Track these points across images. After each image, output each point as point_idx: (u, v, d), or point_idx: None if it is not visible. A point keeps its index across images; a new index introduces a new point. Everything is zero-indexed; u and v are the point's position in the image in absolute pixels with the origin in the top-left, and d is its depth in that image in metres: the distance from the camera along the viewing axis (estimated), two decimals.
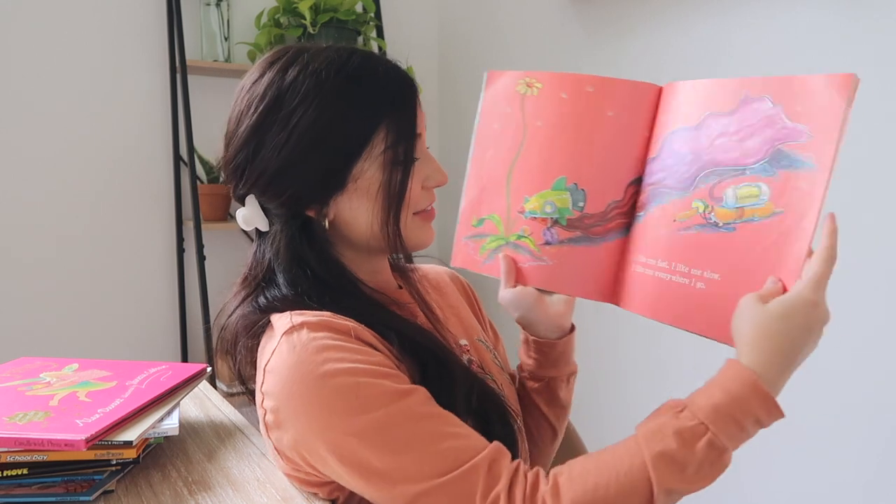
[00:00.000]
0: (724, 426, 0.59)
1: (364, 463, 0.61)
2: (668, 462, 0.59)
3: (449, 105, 2.53)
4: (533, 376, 0.89)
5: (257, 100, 0.70)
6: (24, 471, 0.69)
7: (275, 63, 0.72)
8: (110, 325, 2.12)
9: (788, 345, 0.61)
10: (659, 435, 0.60)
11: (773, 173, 0.64)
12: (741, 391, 0.60)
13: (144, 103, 2.13)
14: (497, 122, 0.84)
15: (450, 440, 0.62)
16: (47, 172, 2.01)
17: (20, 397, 0.79)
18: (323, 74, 0.69)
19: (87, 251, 2.08)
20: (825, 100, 0.63)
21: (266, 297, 0.72)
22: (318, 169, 0.70)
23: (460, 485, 0.60)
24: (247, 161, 0.71)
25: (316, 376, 0.62)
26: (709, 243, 0.69)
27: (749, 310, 0.63)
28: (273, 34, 2.10)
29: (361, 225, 0.73)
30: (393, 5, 2.46)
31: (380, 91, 0.71)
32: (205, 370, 0.92)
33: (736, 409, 0.60)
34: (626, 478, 0.59)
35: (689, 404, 0.62)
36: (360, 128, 0.70)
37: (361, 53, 0.72)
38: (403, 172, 0.72)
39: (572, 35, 1.96)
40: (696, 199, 0.71)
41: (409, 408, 0.62)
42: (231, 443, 0.84)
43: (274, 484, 0.73)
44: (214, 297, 2.04)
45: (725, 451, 0.60)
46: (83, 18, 2.02)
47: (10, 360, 0.94)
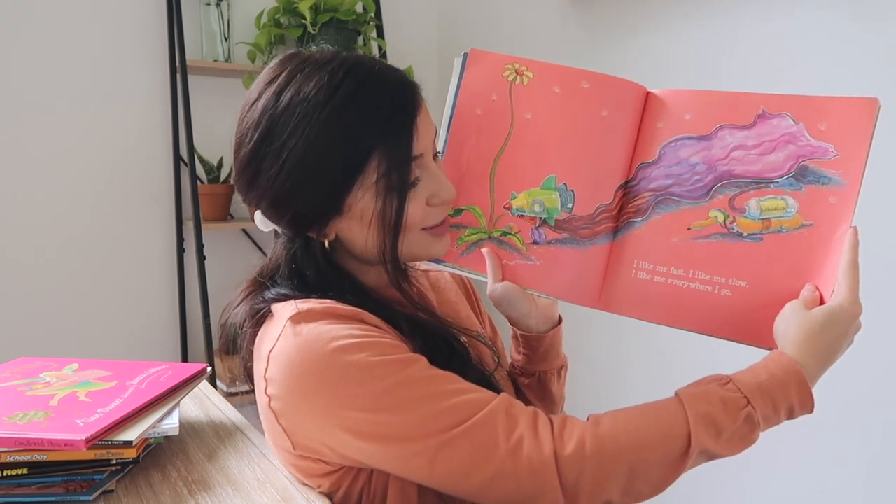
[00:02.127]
0: (763, 404, 0.65)
1: (381, 429, 0.62)
2: (709, 423, 0.63)
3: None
4: (524, 372, 0.90)
5: (252, 127, 0.70)
6: (24, 471, 0.69)
7: (272, 83, 0.71)
8: (110, 325, 2.12)
9: (828, 348, 0.67)
10: (704, 398, 0.65)
11: (799, 188, 0.69)
12: (784, 377, 0.65)
13: (144, 103, 2.13)
14: (480, 108, 0.80)
15: (462, 394, 0.64)
16: (47, 172, 2.01)
17: (20, 397, 0.79)
18: (312, 102, 0.67)
19: (88, 251, 2.08)
20: (852, 120, 0.68)
21: (272, 292, 0.73)
22: (312, 198, 0.70)
23: (481, 431, 0.61)
24: (249, 183, 0.73)
25: (323, 356, 0.63)
26: (733, 252, 0.72)
27: (795, 315, 0.68)
28: (273, 34, 2.10)
29: (360, 247, 0.74)
30: (393, 5, 2.46)
31: (371, 119, 0.68)
32: (205, 370, 0.92)
33: (777, 392, 0.65)
34: (667, 428, 0.64)
35: (735, 379, 0.66)
36: (351, 159, 0.68)
37: (356, 73, 0.69)
38: (399, 200, 0.70)
39: (572, 36, 1.96)
40: (713, 209, 0.73)
41: (417, 372, 0.64)
42: (231, 443, 0.84)
43: (274, 484, 0.73)
44: (214, 297, 2.04)
45: (758, 427, 0.65)
46: (83, 18, 2.02)
47: (10, 360, 0.94)
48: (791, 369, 0.66)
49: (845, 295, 0.67)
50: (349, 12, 2.12)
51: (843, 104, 0.69)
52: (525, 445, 0.61)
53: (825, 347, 0.67)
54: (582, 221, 0.78)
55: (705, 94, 0.75)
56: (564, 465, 0.61)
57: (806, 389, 0.66)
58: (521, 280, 0.79)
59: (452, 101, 0.81)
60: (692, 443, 0.63)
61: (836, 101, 0.69)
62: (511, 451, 0.61)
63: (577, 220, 0.78)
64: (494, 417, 0.62)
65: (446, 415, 0.62)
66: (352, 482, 0.69)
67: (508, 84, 0.79)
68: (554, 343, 0.88)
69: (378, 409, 0.62)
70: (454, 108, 0.80)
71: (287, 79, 0.70)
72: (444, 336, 0.74)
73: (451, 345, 0.74)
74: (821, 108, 0.69)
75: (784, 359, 0.67)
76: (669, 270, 0.75)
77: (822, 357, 0.67)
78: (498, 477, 0.61)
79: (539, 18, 2.08)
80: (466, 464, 0.61)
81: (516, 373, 0.91)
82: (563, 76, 0.79)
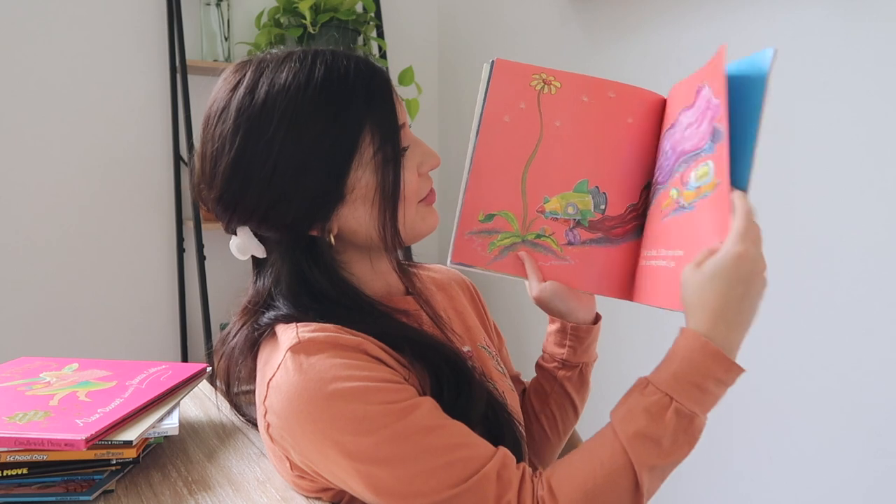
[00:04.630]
0: (686, 392, 0.62)
1: (375, 479, 0.61)
2: (642, 440, 0.62)
3: (449, 105, 2.53)
4: (566, 364, 0.90)
5: (230, 134, 0.66)
6: (24, 470, 0.69)
7: (237, 87, 0.68)
8: (110, 325, 2.12)
9: (726, 301, 0.62)
10: (629, 416, 0.63)
11: (712, 150, 0.69)
12: (693, 355, 0.62)
13: (144, 103, 2.13)
14: (508, 115, 0.82)
15: (459, 451, 0.62)
16: (48, 172, 2.01)
17: (20, 397, 0.79)
18: (293, 88, 0.66)
19: (88, 251, 2.08)
20: (721, 72, 0.70)
21: (268, 316, 0.70)
22: (315, 190, 0.68)
23: (473, 494, 0.60)
24: (236, 198, 0.68)
25: (322, 398, 0.61)
26: (679, 224, 0.74)
27: (688, 278, 0.65)
28: (273, 34, 2.10)
29: (365, 230, 0.71)
30: (393, 5, 2.46)
31: (355, 95, 0.68)
32: (205, 370, 0.92)
33: (693, 374, 0.62)
34: (609, 465, 0.62)
35: (652, 379, 0.65)
36: (345, 138, 0.67)
37: (322, 57, 0.69)
38: (395, 170, 0.70)
39: (572, 36, 1.96)
40: (672, 188, 0.76)
41: (416, 422, 0.62)
42: (231, 443, 0.84)
43: (274, 484, 0.73)
44: (214, 297, 2.04)
45: (695, 416, 0.63)
46: (83, 19, 2.02)
47: (10, 360, 0.94)
48: (696, 344, 0.62)
49: (729, 239, 0.62)
50: (349, 12, 2.12)
51: (722, 58, 0.71)
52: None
53: (723, 301, 0.61)
54: (614, 221, 0.82)
55: (677, 85, 0.80)
56: None
57: (719, 357, 0.62)
58: (555, 279, 0.83)
59: (480, 109, 0.83)
60: (637, 470, 0.61)
61: (722, 56, 0.71)
62: None
63: (610, 220, 0.82)
64: (488, 481, 0.61)
65: (440, 474, 0.60)
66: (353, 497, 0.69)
67: (536, 93, 0.82)
68: (596, 336, 0.90)
69: (374, 459, 0.61)
70: (482, 116, 0.82)
71: (254, 77, 0.68)
72: (449, 359, 0.72)
73: (457, 365, 0.71)
74: (718, 68, 0.71)
75: (686, 335, 0.63)
76: (655, 253, 0.78)
77: (724, 312, 0.62)
78: None
79: (539, 18, 2.08)
80: None
81: (556, 366, 0.91)
82: (590, 86, 0.82)
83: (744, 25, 1.50)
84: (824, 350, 1.39)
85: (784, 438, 1.48)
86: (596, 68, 1.85)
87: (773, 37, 1.45)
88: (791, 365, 1.45)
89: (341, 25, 2.13)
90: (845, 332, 1.35)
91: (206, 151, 0.69)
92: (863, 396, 1.34)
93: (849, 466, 1.38)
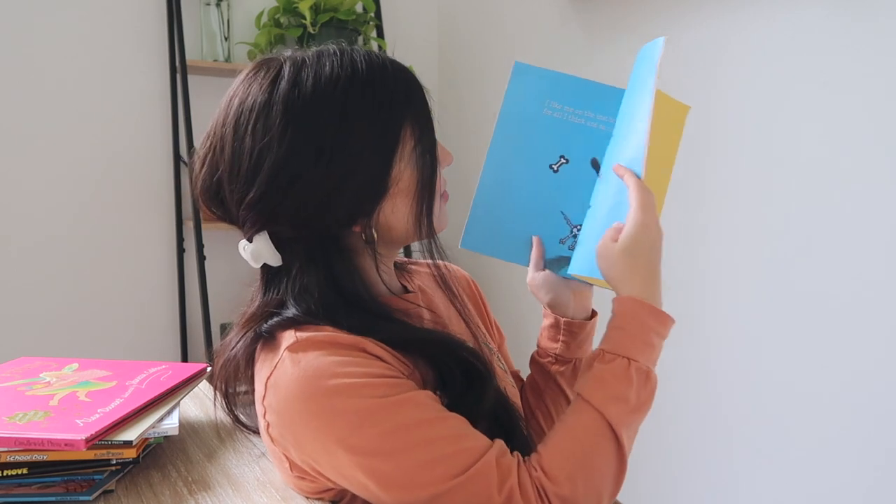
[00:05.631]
0: (639, 350, 0.69)
1: (376, 474, 0.61)
2: (615, 401, 0.67)
3: (449, 105, 2.53)
4: (559, 359, 0.90)
5: (279, 127, 0.64)
6: (24, 470, 0.69)
7: (278, 80, 0.66)
8: (110, 325, 2.12)
9: (646, 264, 0.70)
10: (597, 383, 0.68)
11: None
12: (636, 317, 0.69)
13: (144, 103, 2.13)
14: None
15: (460, 441, 0.63)
16: (48, 172, 2.01)
17: (20, 397, 0.79)
18: (343, 81, 0.66)
19: (88, 251, 2.08)
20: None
21: (270, 323, 0.69)
22: (367, 182, 0.68)
23: (477, 482, 0.61)
24: (278, 198, 0.66)
25: (321, 394, 0.61)
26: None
27: (600, 251, 0.73)
28: (273, 34, 2.10)
29: (402, 223, 0.72)
30: (393, 5, 2.46)
31: (396, 88, 0.69)
32: (205, 370, 0.92)
33: (640, 333, 0.69)
34: (591, 431, 0.66)
35: (607, 348, 0.69)
36: (391, 130, 0.68)
37: (359, 52, 0.70)
38: (433, 161, 0.72)
39: (572, 36, 1.96)
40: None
41: (416, 414, 0.62)
42: (231, 443, 0.84)
43: (274, 484, 0.73)
44: (214, 297, 2.04)
45: (649, 371, 0.69)
46: (84, 19, 2.02)
47: (10, 360, 0.94)
48: (633, 305, 0.69)
49: (632, 212, 0.70)
50: (349, 12, 2.12)
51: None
52: (515, 497, 0.62)
53: (637, 264, 0.69)
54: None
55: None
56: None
57: (653, 310, 0.69)
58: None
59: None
60: (616, 429, 0.66)
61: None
62: (504, 502, 0.61)
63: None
64: (490, 468, 0.62)
65: (442, 464, 0.61)
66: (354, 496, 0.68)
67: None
68: (591, 332, 0.91)
69: (375, 453, 0.61)
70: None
71: (294, 71, 0.67)
72: (457, 350, 0.72)
73: (467, 360, 0.71)
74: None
75: (624, 302, 0.70)
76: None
77: (643, 274, 0.70)
78: None
79: (539, 18, 2.08)
80: None
81: (549, 361, 0.91)
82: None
83: (744, 25, 1.50)
84: (824, 349, 1.38)
85: (784, 439, 1.48)
86: (596, 68, 1.85)
87: (774, 37, 1.45)
88: (791, 365, 1.45)
89: (341, 25, 2.13)
90: (845, 331, 1.35)
91: (243, 149, 0.66)
92: (863, 396, 1.34)
93: (848, 466, 1.38)
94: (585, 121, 0.85)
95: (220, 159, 0.68)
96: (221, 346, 0.73)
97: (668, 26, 1.67)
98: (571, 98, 0.85)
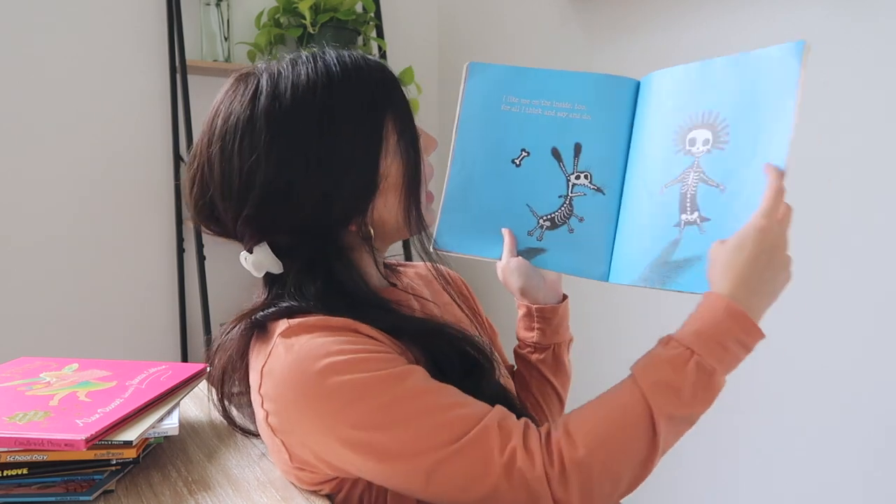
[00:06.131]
0: (708, 348, 0.64)
1: (377, 447, 0.61)
2: (663, 388, 0.63)
3: (449, 105, 2.53)
4: (538, 347, 0.92)
5: (265, 143, 0.65)
6: (24, 471, 0.69)
7: (258, 95, 0.67)
8: (110, 325, 2.12)
9: (748, 268, 0.65)
10: (651, 366, 0.65)
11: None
12: (716, 314, 0.65)
13: (144, 103, 2.13)
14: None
15: (456, 409, 0.63)
16: (48, 172, 2.01)
17: (20, 397, 0.79)
18: (320, 84, 0.67)
19: (88, 251, 2.08)
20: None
21: (263, 314, 0.70)
22: (358, 183, 0.69)
23: (475, 446, 0.61)
24: (275, 210, 0.68)
25: (315, 374, 0.62)
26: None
27: (712, 253, 0.68)
28: (273, 34, 2.10)
29: (395, 217, 0.73)
30: (393, 5, 2.46)
31: (373, 85, 0.70)
32: (205, 370, 0.92)
33: (715, 331, 0.64)
34: (628, 410, 0.63)
35: (675, 336, 0.66)
36: (374, 128, 0.69)
37: (330, 55, 0.70)
38: (416, 152, 0.73)
39: (572, 36, 1.96)
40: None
41: (411, 386, 0.63)
42: (231, 443, 0.84)
43: (274, 484, 0.73)
44: (214, 297, 2.04)
45: (714, 372, 0.64)
46: (83, 18, 2.02)
47: (10, 360, 0.94)
48: (720, 304, 0.65)
49: (756, 214, 0.66)
50: (349, 12, 2.12)
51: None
52: (518, 459, 0.61)
53: (747, 269, 0.65)
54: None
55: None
56: (552, 482, 0.61)
57: (742, 317, 0.64)
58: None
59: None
60: (655, 417, 0.62)
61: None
62: (505, 465, 0.61)
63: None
64: (489, 432, 0.62)
65: (441, 431, 0.61)
66: (352, 486, 0.69)
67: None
68: (565, 316, 0.92)
69: (373, 426, 0.61)
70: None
71: (272, 83, 0.68)
72: (455, 336, 0.73)
73: (466, 349, 0.72)
74: None
75: (711, 297, 0.66)
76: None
77: (747, 280, 0.65)
78: (493, 493, 0.61)
79: (539, 18, 2.08)
80: (462, 480, 0.61)
81: (529, 350, 0.92)
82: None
83: (744, 25, 1.50)
84: (824, 350, 1.38)
85: (784, 439, 1.48)
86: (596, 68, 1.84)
87: (773, 37, 1.45)
88: (791, 365, 1.45)
89: (341, 25, 2.13)
90: (845, 331, 1.35)
91: (231, 168, 0.67)
92: (863, 396, 1.34)
93: (848, 466, 1.38)
94: (542, 110, 0.85)
95: (209, 180, 0.69)
96: (216, 339, 0.74)
97: (668, 26, 1.67)
98: (527, 90, 0.85)
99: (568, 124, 0.84)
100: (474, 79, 0.86)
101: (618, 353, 1.83)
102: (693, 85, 0.78)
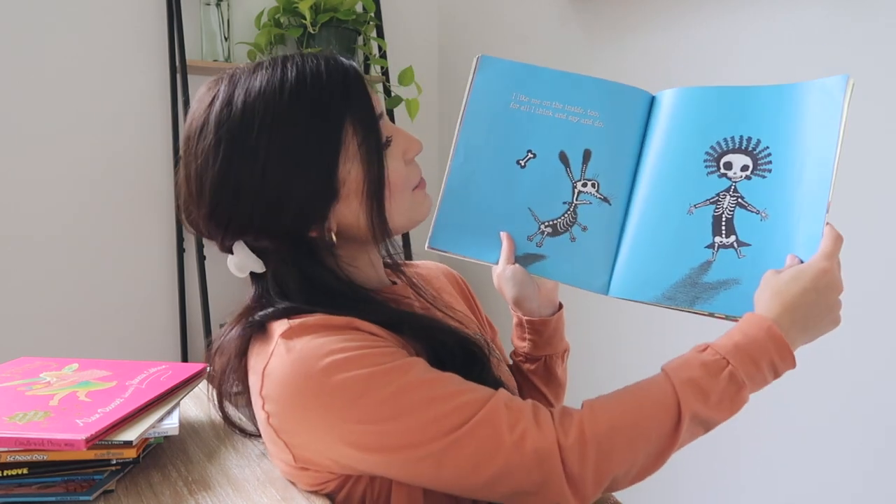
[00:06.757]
0: (743, 363, 0.65)
1: (385, 439, 0.62)
2: (694, 388, 0.64)
3: (449, 104, 2.53)
4: (529, 358, 0.91)
5: (212, 147, 0.67)
6: (24, 470, 0.69)
7: (213, 102, 0.69)
8: (110, 325, 2.12)
9: (797, 300, 0.67)
10: (686, 366, 0.66)
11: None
12: (757, 333, 0.66)
13: (144, 103, 2.13)
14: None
15: (462, 395, 0.63)
16: (48, 172, 2.01)
17: (20, 397, 0.79)
18: (269, 92, 0.67)
19: (88, 251, 2.08)
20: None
21: (261, 314, 0.71)
22: (307, 190, 0.68)
23: (485, 427, 0.61)
24: (228, 211, 0.69)
25: (317, 373, 0.62)
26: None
27: (765, 279, 0.70)
28: (273, 34, 2.10)
29: (362, 227, 0.73)
30: (393, 5, 2.46)
31: (331, 91, 0.69)
32: (205, 370, 0.92)
33: (753, 348, 0.66)
34: (657, 401, 0.65)
35: (713, 345, 0.68)
36: (329, 134, 0.68)
37: (293, 60, 0.70)
38: (379, 159, 0.71)
39: (572, 36, 1.96)
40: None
41: (415, 376, 0.63)
42: (231, 443, 0.84)
43: (274, 484, 0.73)
44: (214, 297, 2.04)
45: (744, 386, 0.65)
46: (83, 18, 2.02)
47: (10, 360, 0.94)
48: (762, 325, 0.66)
49: (818, 255, 0.68)
50: (349, 12, 2.12)
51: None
52: (529, 436, 0.61)
53: (796, 301, 0.66)
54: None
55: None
56: (567, 453, 0.61)
57: (781, 342, 0.66)
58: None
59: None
60: (682, 409, 0.64)
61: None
62: (516, 442, 0.61)
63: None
64: (497, 412, 0.62)
65: (449, 417, 0.61)
66: (353, 485, 0.69)
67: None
68: (558, 327, 0.90)
69: (379, 419, 0.61)
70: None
71: (228, 89, 0.69)
72: (453, 333, 0.73)
73: (468, 348, 0.73)
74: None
75: (754, 317, 0.68)
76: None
77: (793, 310, 0.66)
78: (505, 469, 0.61)
79: (539, 18, 2.08)
80: (473, 460, 0.61)
81: (521, 360, 0.92)
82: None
83: (744, 25, 1.50)
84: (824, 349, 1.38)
85: (785, 438, 1.48)
86: (596, 68, 1.85)
87: (773, 37, 1.45)
88: None
89: (341, 25, 2.13)
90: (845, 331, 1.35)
91: (189, 172, 0.70)
92: (863, 396, 1.34)
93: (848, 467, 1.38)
94: (553, 112, 0.82)
95: (181, 184, 0.73)
96: (216, 340, 0.75)
97: (668, 26, 1.67)
98: (539, 90, 0.83)
99: (579, 129, 0.82)
100: (484, 72, 0.84)
101: (617, 359, 1.83)
102: (729, 109, 0.77)
